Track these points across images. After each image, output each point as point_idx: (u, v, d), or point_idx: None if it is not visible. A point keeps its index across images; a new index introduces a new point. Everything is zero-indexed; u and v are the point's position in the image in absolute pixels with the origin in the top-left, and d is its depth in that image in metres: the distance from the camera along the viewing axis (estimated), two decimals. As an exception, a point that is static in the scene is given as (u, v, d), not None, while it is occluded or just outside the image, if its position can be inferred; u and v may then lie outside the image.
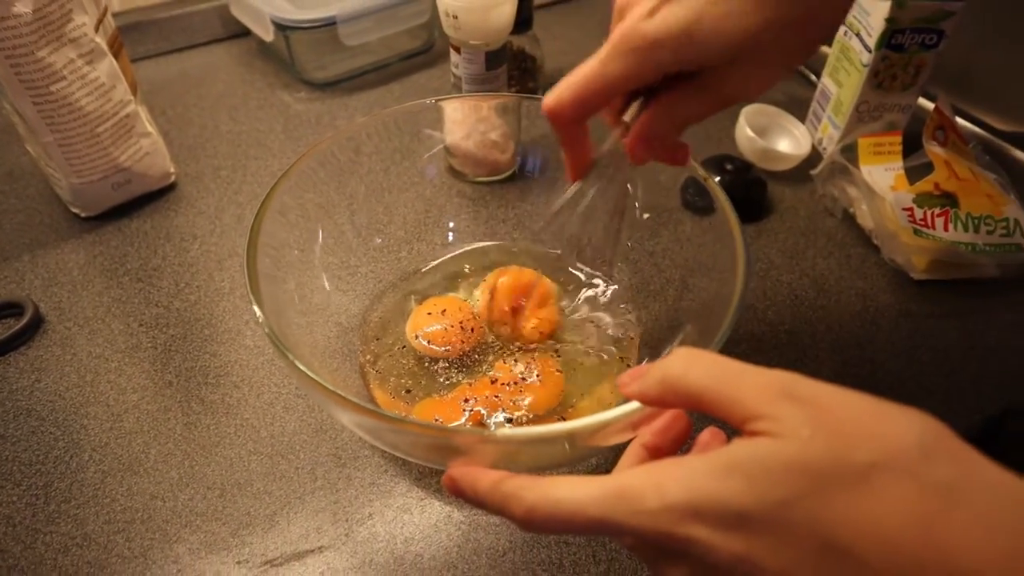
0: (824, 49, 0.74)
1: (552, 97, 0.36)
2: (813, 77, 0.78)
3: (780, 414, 0.25)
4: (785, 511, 0.23)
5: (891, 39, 0.60)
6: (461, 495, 0.32)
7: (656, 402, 0.30)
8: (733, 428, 0.26)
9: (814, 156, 0.68)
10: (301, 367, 0.35)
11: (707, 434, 0.33)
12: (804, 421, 0.24)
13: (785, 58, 0.35)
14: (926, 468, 0.23)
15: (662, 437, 0.32)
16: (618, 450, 0.34)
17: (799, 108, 0.73)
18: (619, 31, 0.34)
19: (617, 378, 0.32)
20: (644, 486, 0.25)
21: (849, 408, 0.25)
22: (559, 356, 0.49)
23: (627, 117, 0.38)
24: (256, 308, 0.38)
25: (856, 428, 0.24)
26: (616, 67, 0.35)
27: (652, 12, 0.33)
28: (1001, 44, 0.73)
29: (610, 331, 0.51)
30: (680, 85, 0.36)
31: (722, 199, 0.44)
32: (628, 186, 0.43)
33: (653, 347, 0.48)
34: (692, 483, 0.25)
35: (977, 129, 0.72)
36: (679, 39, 0.33)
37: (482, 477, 0.31)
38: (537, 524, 0.28)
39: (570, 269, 0.54)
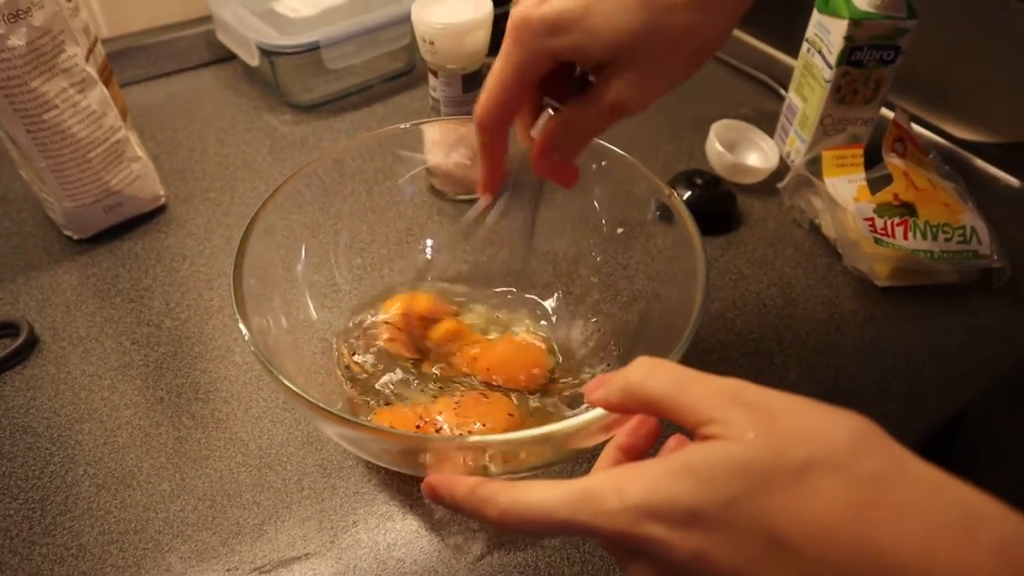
0: (790, 64, 0.77)
1: (477, 107, 0.39)
2: (782, 91, 0.80)
3: (729, 418, 0.27)
4: (733, 508, 0.25)
5: (850, 56, 0.63)
6: (439, 501, 0.34)
7: (618, 408, 0.32)
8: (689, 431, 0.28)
9: (783, 169, 0.70)
10: (286, 382, 0.37)
11: (673, 441, 0.35)
12: (750, 424, 0.26)
13: (669, 69, 0.36)
14: (855, 462, 0.25)
15: (634, 436, 0.34)
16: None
17: (769, 122, 0.76)
18: (511, 20, 0.36)
19: (583, 386, 0.34)
20: (606, 489, 0.27)
21: (789, 411, 0.27)
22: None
23: (534, 132, 0.40)
24: (242, 326, 0.40)
25: (794, 429, 0.26)
26: (514, 56, 0.37)
27: (543, 2, 0.35)
28: (964, 57, 0.76)
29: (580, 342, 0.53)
30: (578, 99, 0.38)
31: (683, 212, 0.46)
32: (537, 201, 0.45)
33: (624, 356, 0.50)
34: (649, 485, 0.27)
35: (939, 139, 0.75)
36: (567, 23, 0.35)
37: (459, 483, 0.33)
38: (510, 525, 0.31)
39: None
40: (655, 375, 0.30)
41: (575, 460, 0.48)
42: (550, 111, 0.40)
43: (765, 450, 0.25)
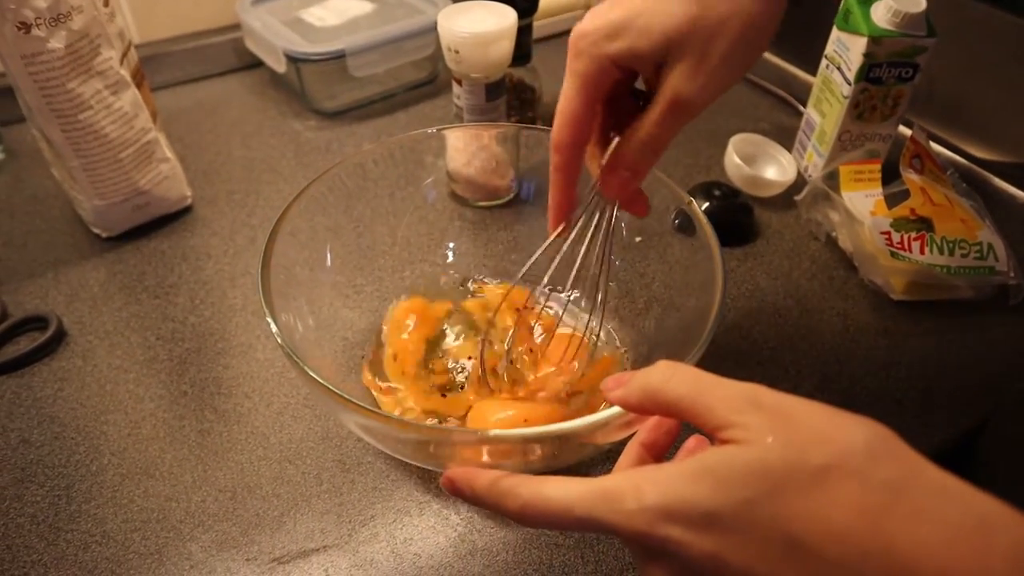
0: (809, 80, 0.78)
1: (552, 131, 0.40)
2: (800, 107, 0.81)
3: (747, 422, 0.27)
4: (749, 510, 0.25)
5: (869, 72, 0.63)
6: (459, 494, 0.35)
7: (636, 408, 0.32)
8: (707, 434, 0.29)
9: (800, 182, 0.71)
10: (311, 372, 0.38)
11: (692, 441, 0.35)
12: (767, 429, 0.26)
13: (721, 56, 0.37)
14: (871, 468, 0.25)
15: (656, 433, 0.35)
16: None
17: (787, 137, 0.76)
18: (571, 38, 0.38)
19: (602, 383, 0.34)
20: (625, 488, 0.28)
21: (807, 416, 0.27)
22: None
23: (604, 160, 0.41)
24: (270, 320, 0.41)
25: (811, 434, 0.26)
26: (578, 68, 0.38)
27: (596, 16, 0.37)
28: (983, 77, 0.76)
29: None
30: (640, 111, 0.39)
31: (703, 221, 0.46)
32: (611, 228, 0.45)
33: (640, 360, 0.51)
34: (667, 487, 0.27)
35: (958, 158, 0.75)
36: (620, 28, 0.37)
37: (479, 477, 0.33)
38: (530, 519, 0.31)
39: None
40: (675, 378, 0.30)
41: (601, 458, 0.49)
42: (618, 139, 0.41)
43: (782, 454, 0.26)
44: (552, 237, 0.44)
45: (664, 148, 0.40)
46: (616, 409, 0.34)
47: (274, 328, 0.40)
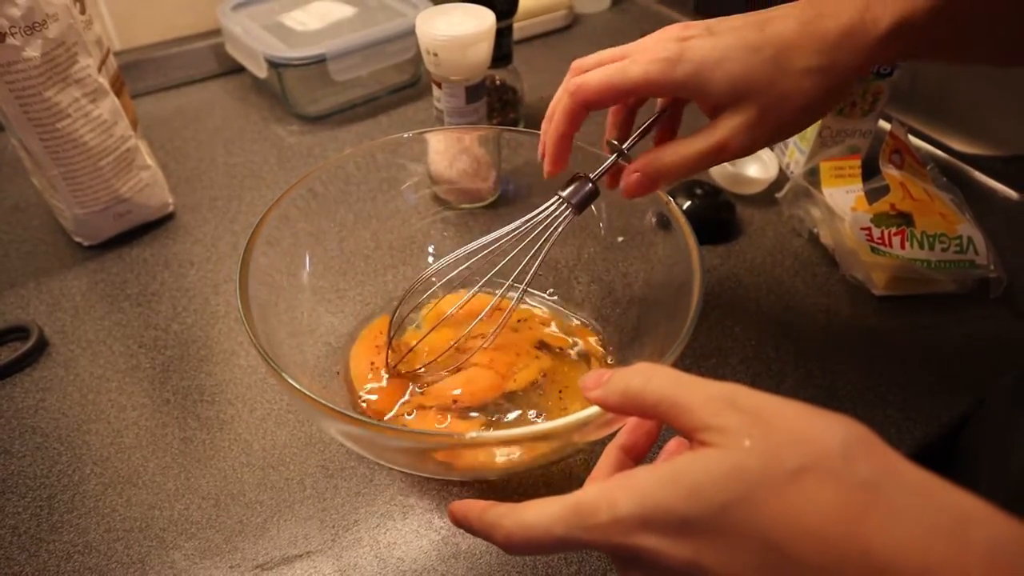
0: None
1: (581, 79, 0.42)
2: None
3: (724, 425, 0.27)
4: (726, 515, 0.25)
5: (848, 69, 0.64)
6: (460, 526, 0.34)
7: (615, 409, 0.32)
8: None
9: (782, 179, 0.71)
10: (288, 379, 0.38)
11: (673, 443, 0.35)
12: (744, 431, 0.26)
13: (776, 123, 0.40)
14: (848, 469, 0.25)
15: (634, 435, 0.35)
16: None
17: (768, 134, 0.76)
18: (654, 39, 0.41)
19: (580, 380, 0.34)
20: (597, 501, 0.28)
21: (784, 417, 0.27)
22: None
23: (626, 145, 0.44)
24: (247, 329, 0.41)
25: (788, 435, 0.26)
26: (639, 69, 0.40)
27: (687, 38, 0.40)
28: (963, 72, 0.77)
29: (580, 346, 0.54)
30: (691, 135, 0.42)
31: (681, 220, 0.47)
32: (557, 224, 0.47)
33: (622, 359, 0.51)
34: (641, 495, 0.27)
35: (939, 152, 0.76)
36: (701, 64, 0.39)
37: (471, 509, 0.33)
38: (516, 548, 0.31)
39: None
40: (654, 380, 0.30)
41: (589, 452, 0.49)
42: (643, 129, 0.44)
43: (758, 457, 0.26)
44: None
45: (693, 173, 0.43)
46: (595, 409, 0.34)
47: (252, 335, 0.40)
